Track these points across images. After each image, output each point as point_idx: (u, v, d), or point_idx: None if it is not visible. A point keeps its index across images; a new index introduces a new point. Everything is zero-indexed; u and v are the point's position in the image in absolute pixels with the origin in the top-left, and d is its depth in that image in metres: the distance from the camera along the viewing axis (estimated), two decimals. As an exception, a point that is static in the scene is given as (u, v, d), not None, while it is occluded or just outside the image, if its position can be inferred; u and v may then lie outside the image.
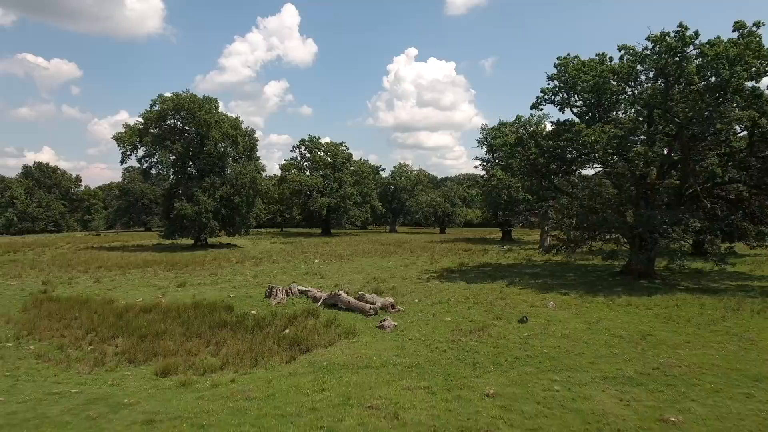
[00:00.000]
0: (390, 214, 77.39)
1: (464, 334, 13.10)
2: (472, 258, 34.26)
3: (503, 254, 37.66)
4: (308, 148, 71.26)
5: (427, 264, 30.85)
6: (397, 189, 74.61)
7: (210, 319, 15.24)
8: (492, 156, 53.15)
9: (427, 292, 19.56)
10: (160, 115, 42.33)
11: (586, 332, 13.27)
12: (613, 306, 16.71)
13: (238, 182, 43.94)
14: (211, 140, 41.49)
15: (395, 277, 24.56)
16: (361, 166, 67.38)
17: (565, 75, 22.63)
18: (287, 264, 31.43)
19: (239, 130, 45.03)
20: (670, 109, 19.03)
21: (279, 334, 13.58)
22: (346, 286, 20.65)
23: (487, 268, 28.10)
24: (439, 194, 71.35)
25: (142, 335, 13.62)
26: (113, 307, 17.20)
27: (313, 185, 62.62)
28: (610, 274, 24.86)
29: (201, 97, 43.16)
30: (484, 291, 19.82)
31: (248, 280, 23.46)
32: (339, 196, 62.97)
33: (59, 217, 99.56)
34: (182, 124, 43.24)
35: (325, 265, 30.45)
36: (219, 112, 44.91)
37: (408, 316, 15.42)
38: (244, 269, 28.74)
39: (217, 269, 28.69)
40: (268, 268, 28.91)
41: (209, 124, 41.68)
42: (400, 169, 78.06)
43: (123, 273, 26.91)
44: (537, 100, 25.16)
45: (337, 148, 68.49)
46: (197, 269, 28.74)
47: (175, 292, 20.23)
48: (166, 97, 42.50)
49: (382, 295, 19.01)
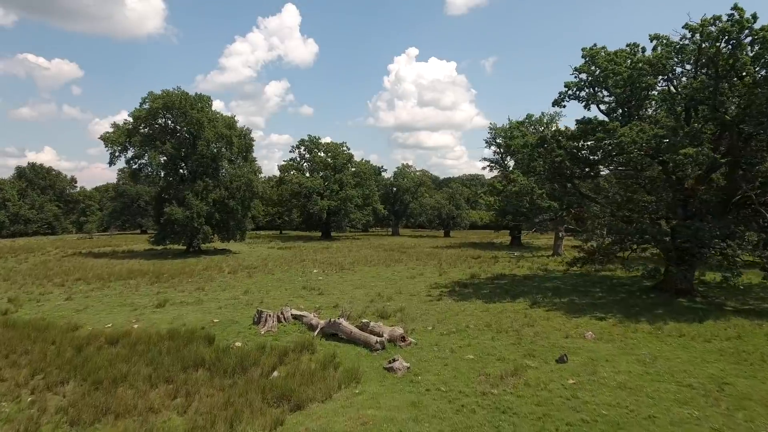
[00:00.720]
0: (392, 217, 74.86)
1: (494, 382, 10.58)
2: (484, 268, 31.71)
3: (516, 263, 35.12)
4: (308, 148, 68.80)
5: (435, 275, 28.31)
6: (399, 190, 72.07)
7: (185, 354, 12.71)
8: (501, 156, 50.59)
9: (441, 316, 17.02)
10: (150, 114, 39.84)
11: (645, 379, 10.72)
12: (662, 336, 14.15)
13: (233, 185, 41.45)
14: (203, 140, 39.00)
15: (402, 293, 22.02)
16: (362, 167, 64.88)
17: (595, 67, 20.06)
18: (283, 275, 28.91)
19: (234, 129, 42.53)
20: (722, 104, 16.51)
21: (265, 379, 11.06)
22: (347, 306, 18.13)
23: (502, 281, 25.55)
24: (443, 196, 68.77)
25: (97, 380, 11.10)
26: (75, 336, 14.68)
27: (313, 187, 60.11)
28: (640, 289, 22.32)
29: (193, 95, 40.67)
30: (505, 314, 17.28)
31: (237, 298, 20.93)
32: (340, 198, 60.46)
33: (53, 219, 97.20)
34: (174, 124, 40.74)
35: (324, 277, 27.93)
36: (213, 110, 42.42)
37: (422, 352, 12.88)
38: (236, 282, 26.23)
39: (206, 282, 26.20)
40: (262, 281, 26.40)
41: (202, 123, 39.19)
42: (402, 170, 75.51)
43: (102, 287, 24.42)
44: (560, 96, 22.60)
45: (338, 148, 66.01)
46: (184, 282, 26.24)
47: (153, 314, 17.71)
48: (156, 95, 40.01)
49: (389, 319, 16.50)
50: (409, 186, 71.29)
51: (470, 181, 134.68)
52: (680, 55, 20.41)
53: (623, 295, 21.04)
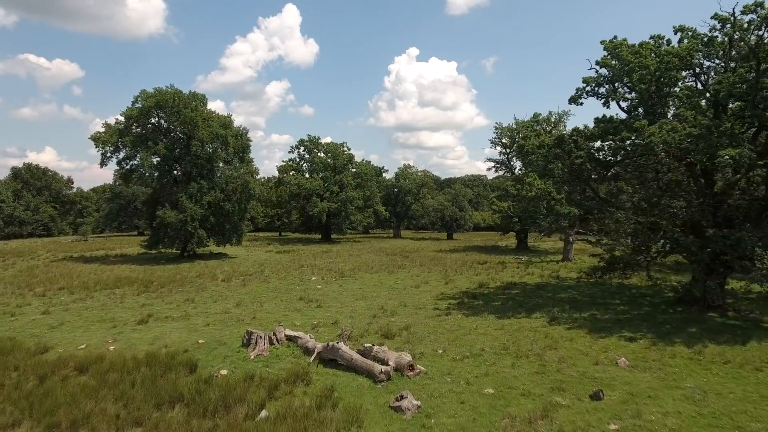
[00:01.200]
0: (394, 219, 73.20)
1: (522, 428, 8.92)
2: (492, 275, 30.03)
3: (525, 269, 33.44)
4: (307, 148, 67.17)
5: (441, 284, 26.66)
6: (401, 192, 70.42)
7: (161, 386, 11.06)
8: (506, 157, 48.92)
9: (452, 335, 15.36)
10: (142, 113, 38.20)
11: (701, 424, 9.06)
12: (705, 363, 12.48)
13: (229, 187, 39.81)
14: (197, 140, 37.35)
15: (407, 305, 20.37)
16: (363, 168, 63.24)
17: (617, 61, 18.40)
18: (280, 283, 27.27)
19: (230, 129, 40.89)
20: (763, 100, 14.87)
21: (251, 421, 9.42)
22: (348, 324, 16.49)
23: (513, 291, 23.88)
24: (445, 197, 67.09)
25: (54, 423, 9.46)
26: (42, 361, 13.04)
27: (312, 188, 58.46)
28: (664, 301, 20.67)
29: (187, 93, 39.03)
30: (523, 332, 15.61)
31: (228, 311, 19.28)
32: (340, 200, 58.81)
33: (49, 220, 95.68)
34: (167, 123, 39.11)
35: (323, 285, 26.29)
36: (207, 109, 40.79)
37: (433, 384, 11.22)
38: (229, 291, 24.59)
39: (197, 291, 24.57)
40: (257, 291, 24.76)
41: (196, 122, 37.55)
42: (404, 171, 73.83)
43: (85, 297, 22.81)
44: (577, 93, 20.95)
45: (338, 148, 64.37)
46: (173, 291, 24.62)
47: (133, 332, 16.07)
48: (148, 93, 38.39)
49: (393, 339, 14.86)
50: (411, 187, 69.62)
51: (472, 181, 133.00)
52: (708, 47, 18.80)
53: (647, 308, 19.37)
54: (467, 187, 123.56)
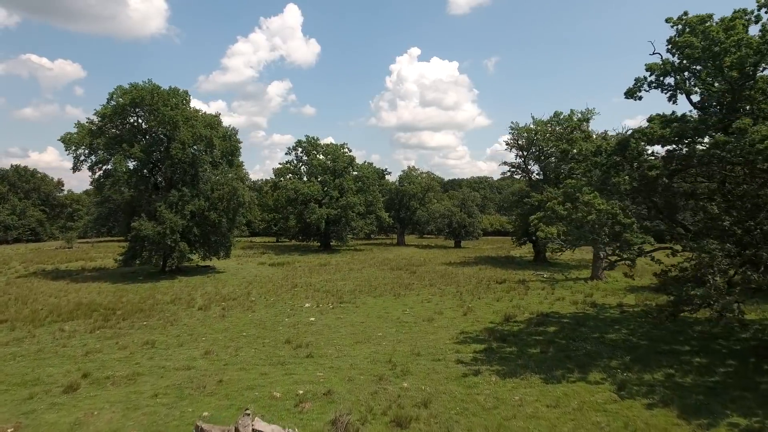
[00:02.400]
0: (398, 224, 68.86)
1: None
2: (516, 301, 25.67)
3: (551, 290, 29.10)
4: (306, 150, 62.93)
5: (458, 314, 22.30)
6: (405, 196, 66.05)
7: None
8: (524, 160, 44.52)
9: (489, 419, 10.98)
10: (117, 112, 33.98)
11: None
12: None
13: (215, 194, 35.52)
14: (177, 142, 33.08)
15: (420, 354, 16.01)
16: (365, 171, 58.92)
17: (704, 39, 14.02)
18: (266, 313, 22.97)
19: (216, 129, 36.61)
20: None
21: None
22: (345, 390, 12.17)
23: (549, 329, 19.50)
24: (453, 202, 62.69)
25: None
26: None
27: (310, 194, 54.16)
28: (745, 348, 16.33)
29: (167, 89, 34.76)
30: (589, 415, 11.20)
31: (191, 366, 14.94)
32: (340, 206, 54.51)
33: (37, 224, 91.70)
34: (145, 123, 34.86)
35: (317, 317, 21.97)
36: (191, 108, 36.53)
37: None
38: (203, 326, 20.30)
39: (165, 327, 20.29)
40: (236, 326, 20.45)
41: (176, 122, 33.29)
42: (408, 173, 69.44)
43: (25, 336, 18.57)
44: (635, 85, 16.61)
45: (338, 150, 60.09)
46: (136, 326, 20.34)
47: (48, 411, 11.71)
48: (124, 90, 34.16)
49: (409, 426, 10.50)
50: (416, 191, 65.24)
51: (478, 183, 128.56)
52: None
53: (732, 361, 14.99)
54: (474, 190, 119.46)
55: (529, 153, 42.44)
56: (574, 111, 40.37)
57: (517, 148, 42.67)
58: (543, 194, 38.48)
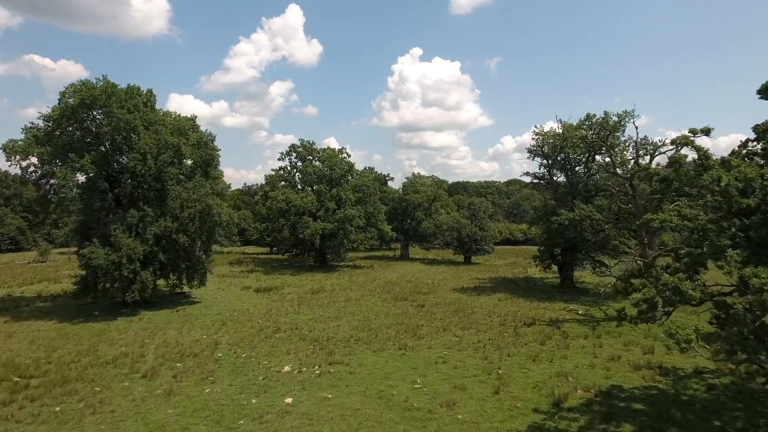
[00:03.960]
0: (401, 237, 63.00)
1: None
2: (557, 362, 19.81)
3: (595, 338, 23.28)
4: (300, 155, 57.16)
5: (488, 394, 16.42)
6: (409, 206, 60.18)
7: None
8: (548, 170, 38.55)
9: None
10: (65, 116, 28.27)
11: None
12: None
13: (185, 213, 29.74)
14: (136, 152, 27.34)
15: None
16: (364, 179, 53.03)
17: None
18: (229, 385, 17.17)
19: (186, 135, 30.85)
20: None
21: None
22: None
23: (622, 428, 13.64)
24: (463, 213, 56.74)
25: None
26: None
27: (304, 206, 48.33)
28: None
29: (124, 87, 29.01)
30: None
31: None
32: (337, 219, 48.67)
33: (17, 233, 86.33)
34: (97, 128, 29.10)
35: (296, 393, 16.16)
36: (158, 110, 30.78)
37: None
38: (135, 416, 14.52)
39: (82, 416, 14.58)
40: (182, 413, 14.66)
41: (134, 127, 27.54)
42: (413, 181, 63.47)
43: None
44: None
45: (336, 156, 54.26)
46: (43, 413, 14.60)
47: None
48: (76, 88, 28.44)
49: None
50: (421, 201, 59.32)
51: (485, 188, 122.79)
52: None
53: None
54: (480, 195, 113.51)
55: (555, 161, 36.53)
56: (609, 113, 34.47)
57: (541, 156, 36.81)
58: (575, 211, 32.65)
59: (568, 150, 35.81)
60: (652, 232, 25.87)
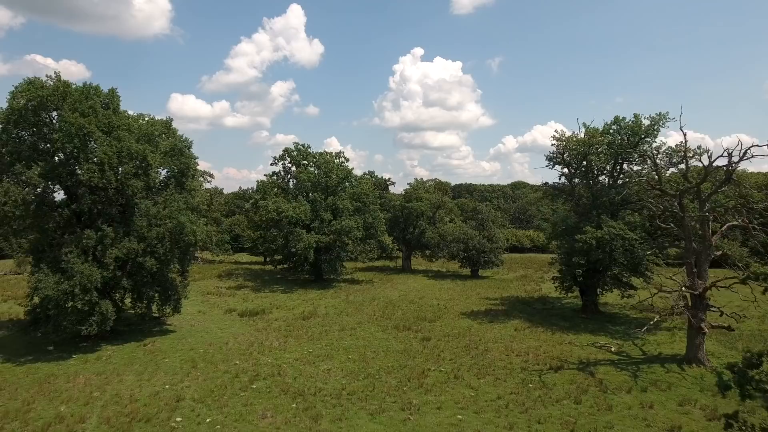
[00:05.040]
0: (403, 247, 58.82)
1: None
2: (596, 421, 15.66)
3: (638, 392, 19.11)
4: (294, 160, 53.01)
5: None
6: (412, 214, 55.97)
7: None
8: (569, 179, 34.30)
9: None
10: (10, 120, 24.18)
11: None
12: None
13: (152, 233, 25.63)
14: (90, 163, 23.25)
15: None
16: (364, 187, 48.83)
17: None
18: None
19: (154, 143, 26.71)
20: None
21: None
22: None
23: None
24: (471, 224, 52.45)
25: None
26: None
27: (297, 217, 44.17)
28: None
29: (79, 86, 24.89)
30: None
31: None
32: (333, 231, 44.51)
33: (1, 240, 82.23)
34: (48, 134, 24.99)
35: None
36: (123, 113, 26.62)
37: None
38: None
39: None
40: None
41: (90, 134, 23.43)
42: (416, 188, 59.19)
43: None
44: None
45: (331, 162, 50.10)
46: None
47: None
48: (23, 87, 24.36)
49: None
50: (424, 210, 55.10)
51: (490, 192, 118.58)
52: None
53: None
54: (486, 200, 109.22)
55: (578, 170, 32.29)
56: (640, 116, 30.24)
57: (561, 163, 32.58)
58: (603, 229, 28.46)
59: (592, 157, 31.60)
60: (704, 259, 21.64)
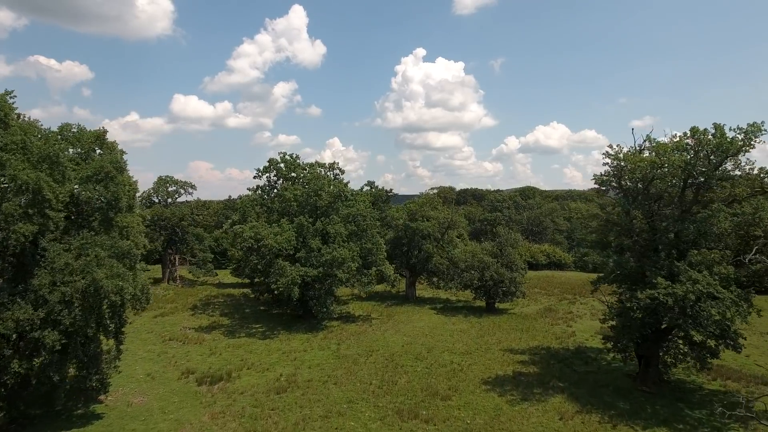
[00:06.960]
0: (407, 273, 51.13)
1: None
2: None
3: None
4: (281, 174, 45.49)
5: None
6: (417, 235, 48.25)
7: None
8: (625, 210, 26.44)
9: None
10: None
11: None
12: None
13: (55, 295, 18.09)
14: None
15: None
16: (361, 207, 41.15)
17: None
18: None
19: (60, 165, 19.13)
20: None
21: None
22: None
23: None
24: (487, 250, 44.63)
25: None
26: None
27: (279, 247, 36.54)
28: None
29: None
30: None
31: None
32: (323, 262, 36.88)
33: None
34: None
35: None
36: (14, 128, 19.08)
37: None
38: None
39: None
40: None
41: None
42: (422, 204, 51.38)
43: None
44: None
45: (323, 178, 42.52)
46: None
47: None
48: None
49: None
50: (432, 230, 47.41)
51: (501, 202, 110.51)
52: None
53: None
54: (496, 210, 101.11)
55: (638, 197, 24.47)
56: (721, 126, 22.51)
57: (616, 188, 24.86)
58: (684, 284, 20.77)
59: (658, 182, 23.91)
60: None
